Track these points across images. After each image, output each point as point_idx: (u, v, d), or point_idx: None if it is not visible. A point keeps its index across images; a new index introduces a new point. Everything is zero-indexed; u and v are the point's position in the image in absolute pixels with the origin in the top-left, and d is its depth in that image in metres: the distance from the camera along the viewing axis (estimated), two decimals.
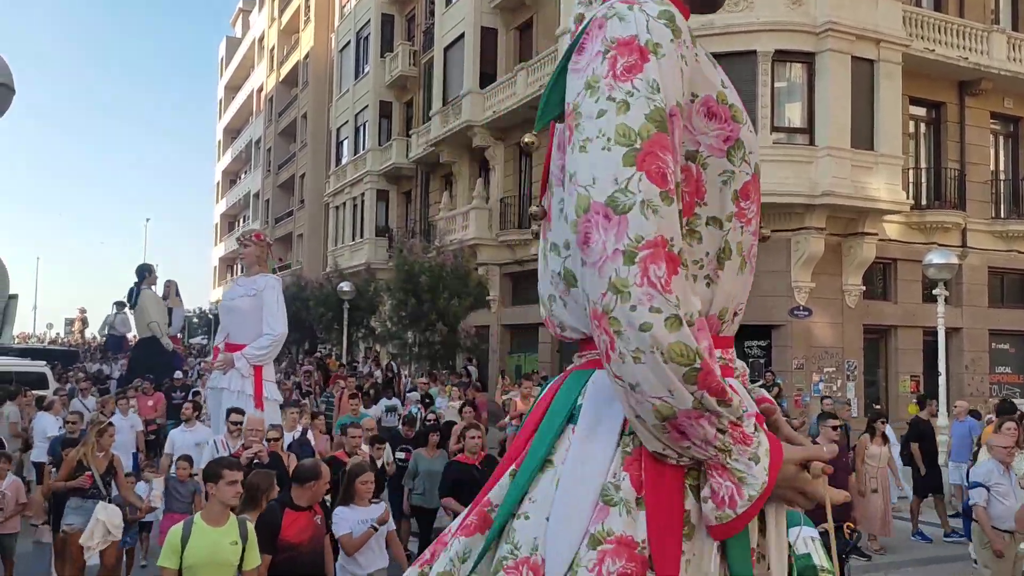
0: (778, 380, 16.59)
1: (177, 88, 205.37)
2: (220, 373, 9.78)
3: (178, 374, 17.44)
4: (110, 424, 8.14)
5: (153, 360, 18.32)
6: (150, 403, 15.01)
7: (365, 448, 8.67)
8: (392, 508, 8.00)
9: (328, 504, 6.34)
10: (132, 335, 24.66)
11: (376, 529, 6.01)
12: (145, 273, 20.18)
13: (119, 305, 28.61)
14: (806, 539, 6.02)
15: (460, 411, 14.81)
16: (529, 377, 19.86)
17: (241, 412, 8.43)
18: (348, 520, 5.98)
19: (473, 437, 7.74)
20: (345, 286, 24.77)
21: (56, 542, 7.56)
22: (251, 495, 5.44)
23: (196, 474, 8.04)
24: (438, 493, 7.87)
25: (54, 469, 7.57)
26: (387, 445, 9.53)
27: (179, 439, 9.45)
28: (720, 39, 17.10)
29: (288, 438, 8.94)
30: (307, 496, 5.53)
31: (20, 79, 5.45)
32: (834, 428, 8.68)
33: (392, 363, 23.53)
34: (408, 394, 16.94)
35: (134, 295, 19.59)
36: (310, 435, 10.18)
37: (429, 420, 12.17)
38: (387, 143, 33.39)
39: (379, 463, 8.67)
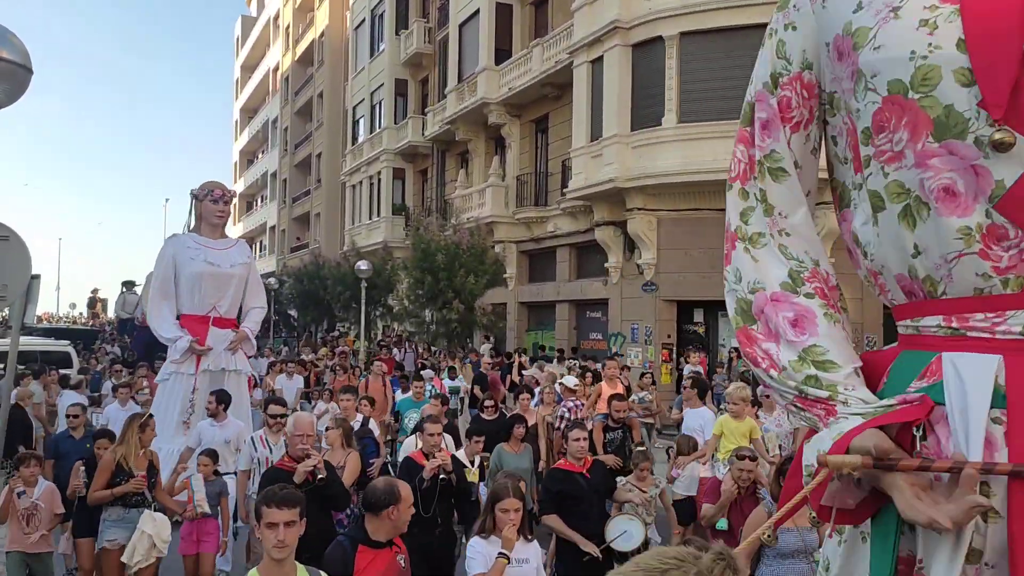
0: None
1: (194, 68, 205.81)
2: (228, 353, 9.07)
3: None
4: (150, 416, 7.08)
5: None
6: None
7: (454, 449, 7.50)
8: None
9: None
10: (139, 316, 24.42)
11: (507, 559, 4.55)
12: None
13: (127, 285, 28.81)
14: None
15: (472, 389, 14.73)
16: (613, 356, 19.89)
17: (282, 403, 7.56)
18: (486, 557, 4.60)
19: (577, 439, 6.10)
20: (362, 265, 24.86)
21: (81, 556, 6.58)
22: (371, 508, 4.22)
23: (227, 472, 7.55)
24: (540, 505, 6.31)
25: (83, 469, 6.52)
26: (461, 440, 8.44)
27: (208, 434, 8.14)
28: (736, 12, 16.93)
29: None
30: (386, 528, 4.22)
31: (38, 60, 5.48)
32: None
33: (430, 346, 23.32)
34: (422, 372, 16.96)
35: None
36: (373, 425, 8.97)
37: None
38: (403, 121, 33.34)
39: (475, 463, 7.51)
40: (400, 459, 7.65)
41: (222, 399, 8.17)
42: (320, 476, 5.38)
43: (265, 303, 9.44)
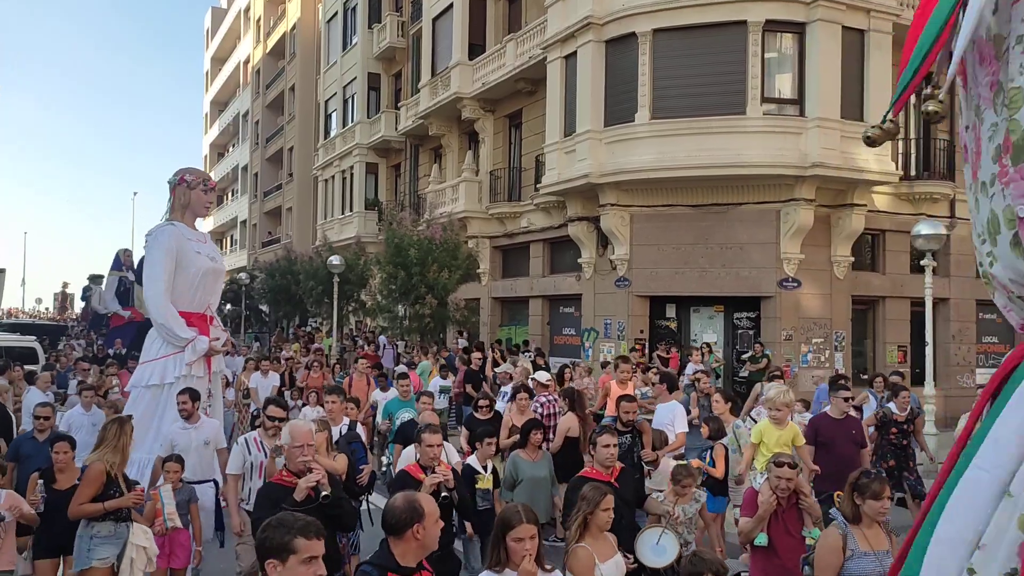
0: (767, 351, 16.70)
1: (163, 60, 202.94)
2: (220, 355, 8.69)
3: None
4: (129, 416, 6.48)
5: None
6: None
7: (455, 458, 6.90)
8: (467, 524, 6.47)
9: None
10: (109, 312, 23.66)
11: None
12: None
13: (94, 280, 28.32)
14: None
15: (464, 387, 14.50)
16: (539, 354, 19.92)
17: (283, 406, 6.98)
18: None
19: (607, 445, 5.70)
20: (335, 260, 24.70)
21: None
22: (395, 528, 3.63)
23: (206, 480, 7.05)
24: (564, 518, 5.67)
25: (41, 481, 6.06)
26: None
27: (182, 440, 7.18)
28: (711, 9, 17.03)
29: (334, 432, 7.39)
30: (413, 550, 3.63)
31: (3, 54, 5.35)
32: (846, 400, 8.08)
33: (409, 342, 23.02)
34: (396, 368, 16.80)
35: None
36: (360, 429, 8.46)
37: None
38: (376, 116, 33.15)
39: (488, 469, 6.90)
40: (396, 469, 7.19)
41: (195, 397, 7.48)
42: (325, 493, 4.71)
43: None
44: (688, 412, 9.59)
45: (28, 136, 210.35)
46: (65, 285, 47.46)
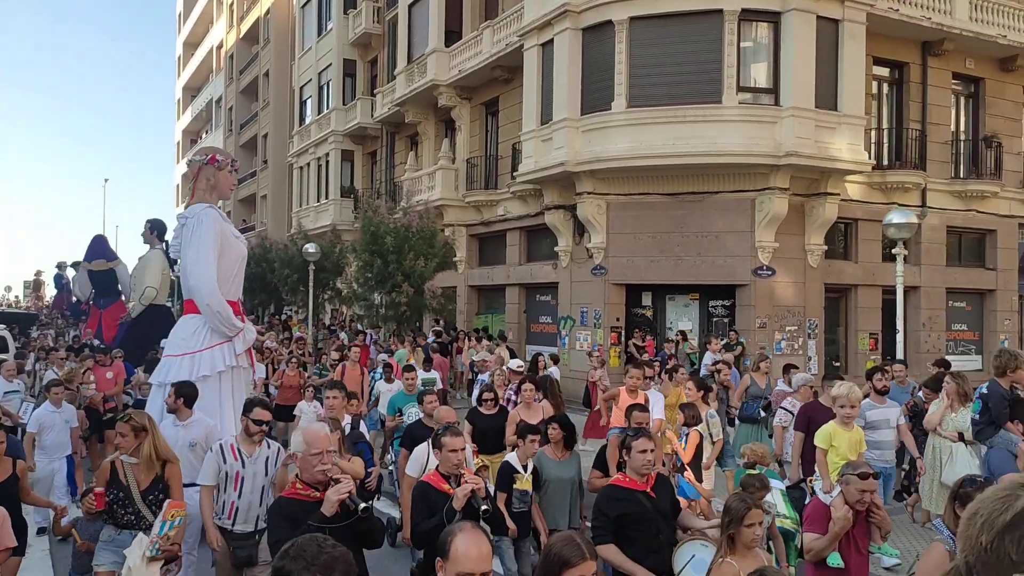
0: (741, 339, 16.85)
1: (134, 44, 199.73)
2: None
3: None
4: (127, 420, 5.49)
5: (163, 334, 16.05)
6: (108, 375, 12.25)
7: (472, 461, 6.22)
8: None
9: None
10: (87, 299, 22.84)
11: None
12: (156, 229, 17.97)
13: (62, 267, 27.70)
14: (773, 491, 6.22)
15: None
16: (502, 337, 19.95)
17: (269, 408, 6.12)
18: None
19: (644, 451, 4.99)
20: (310, 247, 24.53)
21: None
22: None
23: (190, 484, 6.12)
24: (593, 532, 4.90)
25: None
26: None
27: (170, 436, 6.36)
28: None
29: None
30: None
31: None
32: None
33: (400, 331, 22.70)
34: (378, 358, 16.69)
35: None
36: (364, 428, 7.90)
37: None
38: (351, 102, 32.90)
39: (528, 469, 6.35)
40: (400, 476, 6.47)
41: (182, 392, 6.74)
42: (364, 506, 4.04)
43: None
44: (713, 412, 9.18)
45: None
46: (38, 273, 46.61)
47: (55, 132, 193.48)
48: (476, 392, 10.75)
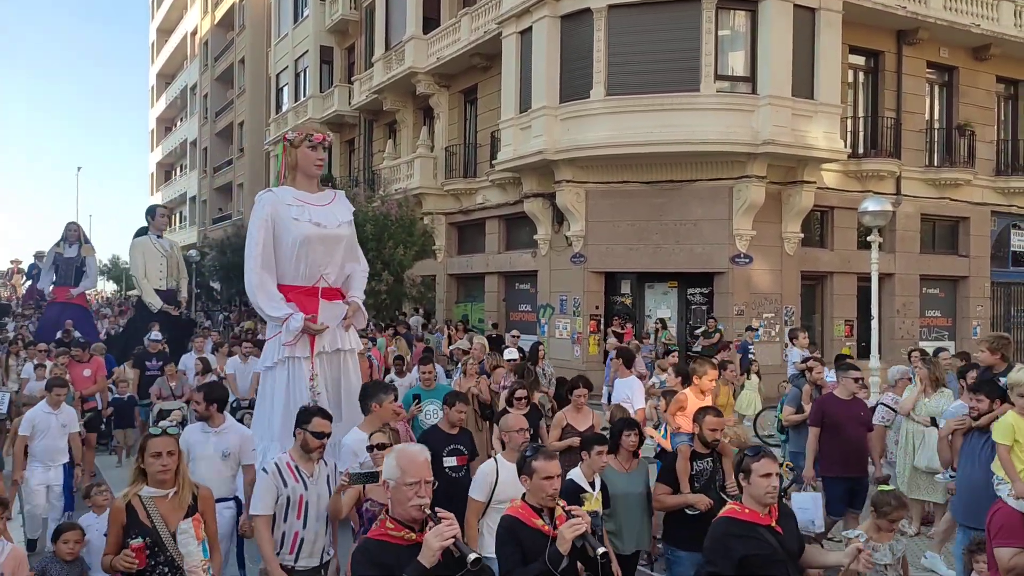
0: (720, 326, 16.96)
1: (106, 31, 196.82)
2: (338, 330, 7.40)
3: (155, 334, 13.20)
4: (164, 434, 4.26)
5: (167, 330, 14.14)
6: (86, 372, 11.42)
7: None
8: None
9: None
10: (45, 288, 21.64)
11: None
12: (149, 217, 16.64)
13: (40, 257, 27.08)
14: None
15: (395, 361, 13.43)
16: (467, 327, 19.94)
17: (328, 416, 5.04)
18: None
19: (768, 474, 4.03)
20: None
21: None
22: None
23: (223, 499, 5.51)
24: (708, 562, 4.07)
25: None
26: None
27: (199, 444, 5.80)
28: None
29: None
30: None
31: None
32: (856, 380, 7.52)
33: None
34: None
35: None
36: (400, 427, 6.91)
37: None
38: (329, 90, 32.65)
39: (595, 491, 5.30)
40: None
41: (213, 396, 5.98)
42: (475, 557, 3.17)
43: (365, 264, 7.79)
44: (800, 409, 8.64)
45: None
46: (16, 262, 45.67)
47: (27, 116, 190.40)
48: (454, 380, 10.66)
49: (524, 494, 4.03)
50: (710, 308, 18.13)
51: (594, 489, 5.28)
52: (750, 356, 15.07)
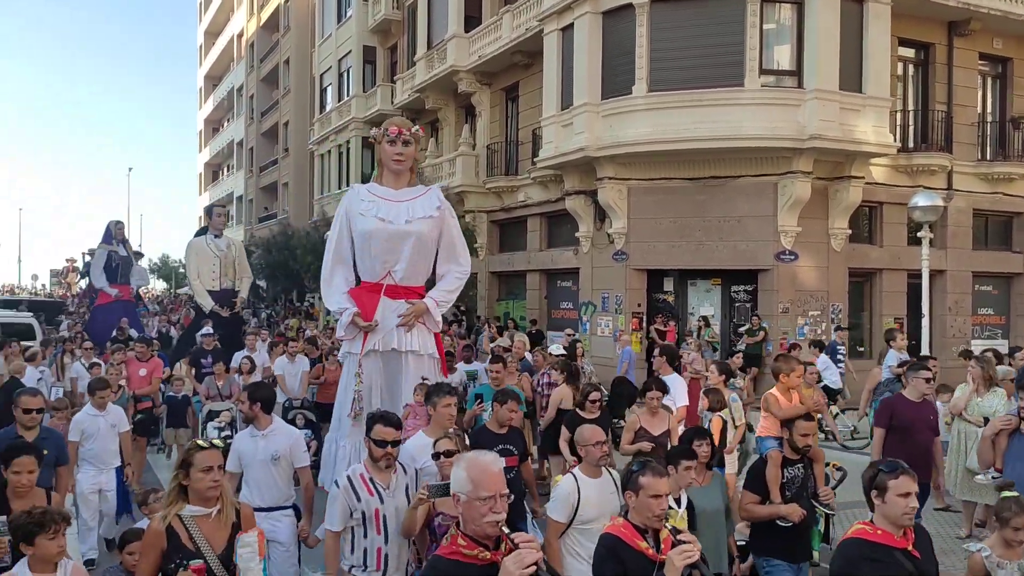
0: (764, 324, 16.74)
1: (156, 34, 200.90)
2: (397, 330, 6.96)
3: (207, 328, 13.15)
4: (212, 446, 3.95)
5: (219, 329, 14.14)
6: (142, 372, 11.22)
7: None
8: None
9: None
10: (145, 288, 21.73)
11: None
12: (207, 216, 17.23)
13: (137, 255, 27.68)
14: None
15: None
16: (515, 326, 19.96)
17: (396, 424, 4.70)
18: None
19: (905, 494, 3.64)
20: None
21: None
22: None
23: (274, 507, 5.33)
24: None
25: (3, 519, 4.32)
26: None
27: (247, 450, 5.52)
28: None
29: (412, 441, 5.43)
30: None
31: None
32: (927, 380, 7.06)
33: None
34: None
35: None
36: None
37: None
38: (371, 89, 32.93)
39: (681, 508, 4.88)
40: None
41: (257, 396, 5.71)
42: None
43: (464, 265, 7.38)
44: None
45: (16, 110, 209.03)
46: (71, 261, 46.71)
47: (81, 119, 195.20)
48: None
49: (625, 511, 3.72)
50: (754, 306, 17.90)
51: (679, 507, 4.82)
52: (839, 358, 14.61)
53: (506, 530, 3.02)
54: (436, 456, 4.83)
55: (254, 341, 12.74)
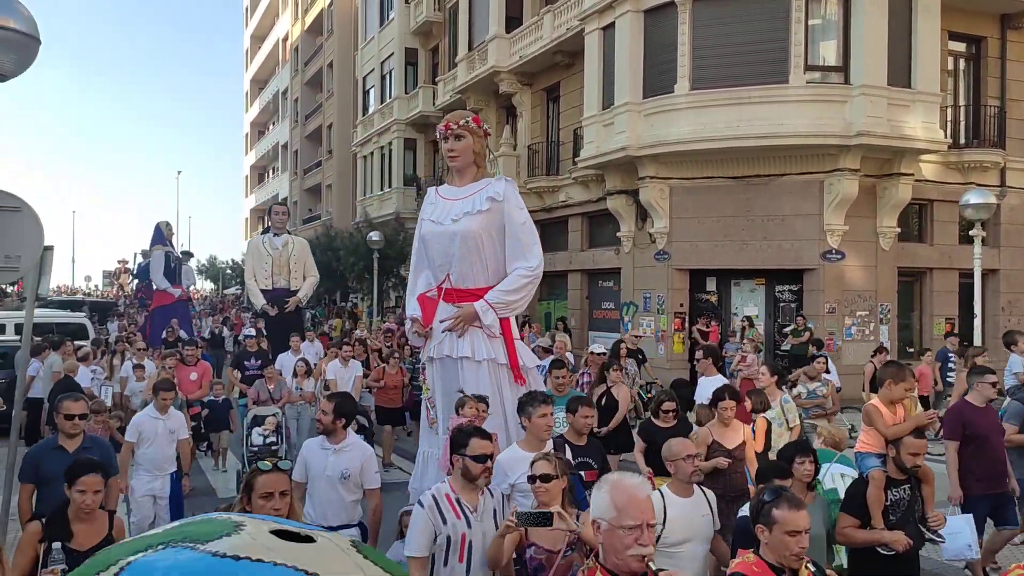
0: (809, 324, 16.48)
1: (204, 39, 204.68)
2: (451, 336, 6.41)
3: (249, 329, 12.74)
4: (276, 469, 3.69)
5: (271, 328, 13.93)
6: (193, 376, 11.10)
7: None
8: None
9: None
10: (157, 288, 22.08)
11: None
12: (268, 215, 17.26)
13: (146, 254, 28.25)
14: (834, 475, 5.87)
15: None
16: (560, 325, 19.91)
17: (486, 435, 4.24)
18: None
19: (793, 531, 3.33)
20: (375, 236, 24.84)
21: None
22: None
23: (341, 525, 5.00)
24: None
25: (57, 545, 4.21)
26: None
27: (317, 462, 5.18)
28: None
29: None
30: None
31: (46, 32, 5.44)
32: (993, 384, 6.73)
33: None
34: None
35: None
36: (514, 441, 5.55)
37: None
38: (413, 91, 33.14)
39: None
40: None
41: (343, 410, 5.30)
42: None
43: (531, 262, 6.63)
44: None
45: (70, 115, 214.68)
46: (123, 262, 47.73)
47: (132, 123, 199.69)
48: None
49: (757, 546, 3.32)
50: (799, 306, 17.62)
51: None
52: (951, 365, 13.35)
53: (653, 566, 2.60)
54: (532, 480, 4.18)
55: (298, 343, 12.53)
